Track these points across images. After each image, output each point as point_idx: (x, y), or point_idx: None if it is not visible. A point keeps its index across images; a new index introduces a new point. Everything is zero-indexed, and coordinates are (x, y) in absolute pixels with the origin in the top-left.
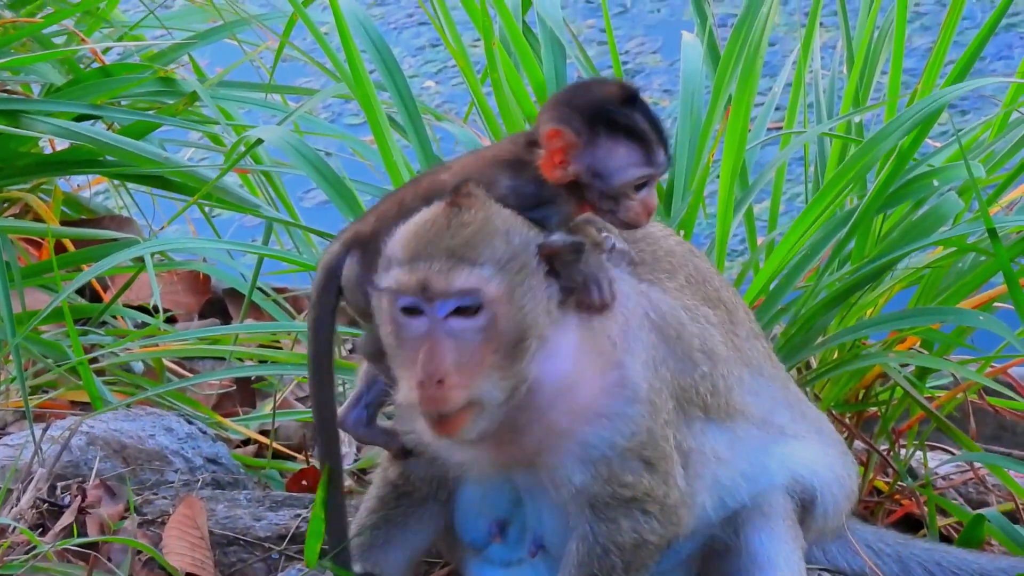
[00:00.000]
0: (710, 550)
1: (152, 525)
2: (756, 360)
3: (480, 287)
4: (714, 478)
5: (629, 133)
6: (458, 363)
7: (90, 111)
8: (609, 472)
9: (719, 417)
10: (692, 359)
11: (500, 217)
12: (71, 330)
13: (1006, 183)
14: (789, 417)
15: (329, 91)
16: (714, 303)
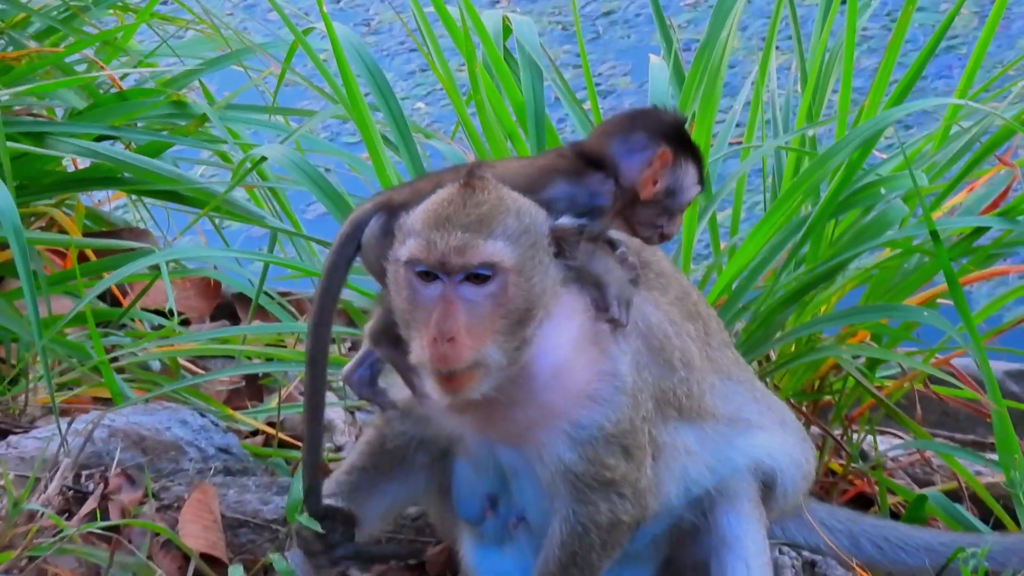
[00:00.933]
0: (680, 531)
1: (169, 510)
2: (726, 367)
3: (494, 259)
4: (683, 470)
5: (695, 155)
6: (468, 325)
7: (109, 132)
8: (595, 454)
9: (691, 417)
10: (672, 367)
11: (511, 197)
12: (93, 332)
13: (947, 190)
14: (756, 412)
15: (327, 112)
16: (694, 317)
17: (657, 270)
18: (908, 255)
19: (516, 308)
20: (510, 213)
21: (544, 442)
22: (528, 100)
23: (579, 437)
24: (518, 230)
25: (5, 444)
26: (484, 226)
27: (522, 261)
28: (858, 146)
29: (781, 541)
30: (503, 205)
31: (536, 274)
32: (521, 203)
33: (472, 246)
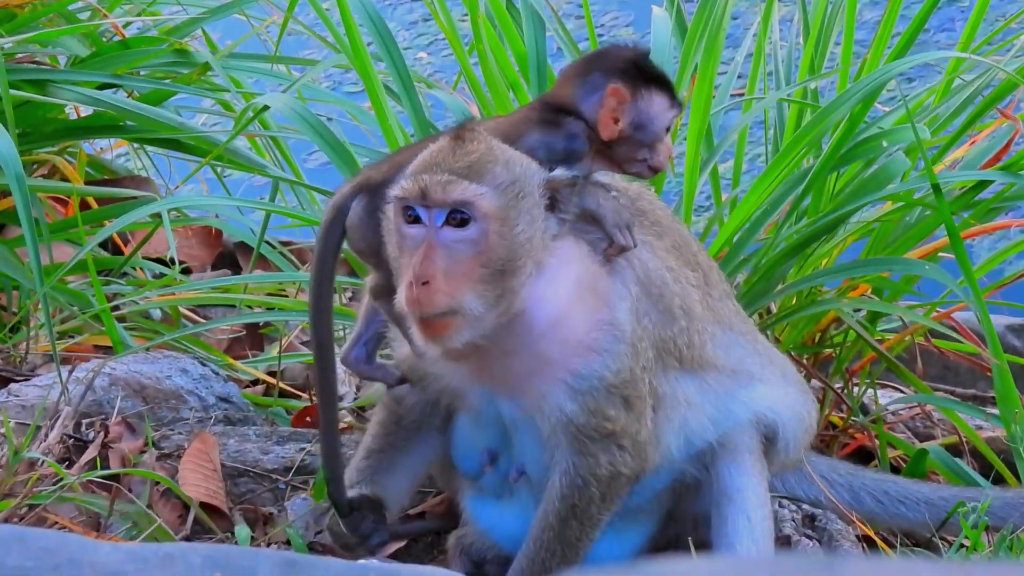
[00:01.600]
0: (682, 485)
1: (169, 459)
2: (727, 318)
3: (474, 200)
4: (683, 421)
5: (659, 81)
6: (446, 270)
7: (112, 80)
8: (596, 404)
9: (692, 367)
10: (672, 315)
11: (500, 148)
12: (95, 280)
13: (949, 144)
14: (758, 364)
15: (330, 62)
16: (693, 266)
17: (653, 218)
18: (909, 208)
19: (497, 257)
20: (498, 162)
21: (544, 393)
22: (530, 50)
23: (579, 388)
24: (505, 179)
25: (6, 392)
26: (471, 170)
27: (505, 209)
28: (860, 99)
29: (781, 495)
30: (491, 154)
31: (521, 224)
32: (511, 155)
33: (454, 184)
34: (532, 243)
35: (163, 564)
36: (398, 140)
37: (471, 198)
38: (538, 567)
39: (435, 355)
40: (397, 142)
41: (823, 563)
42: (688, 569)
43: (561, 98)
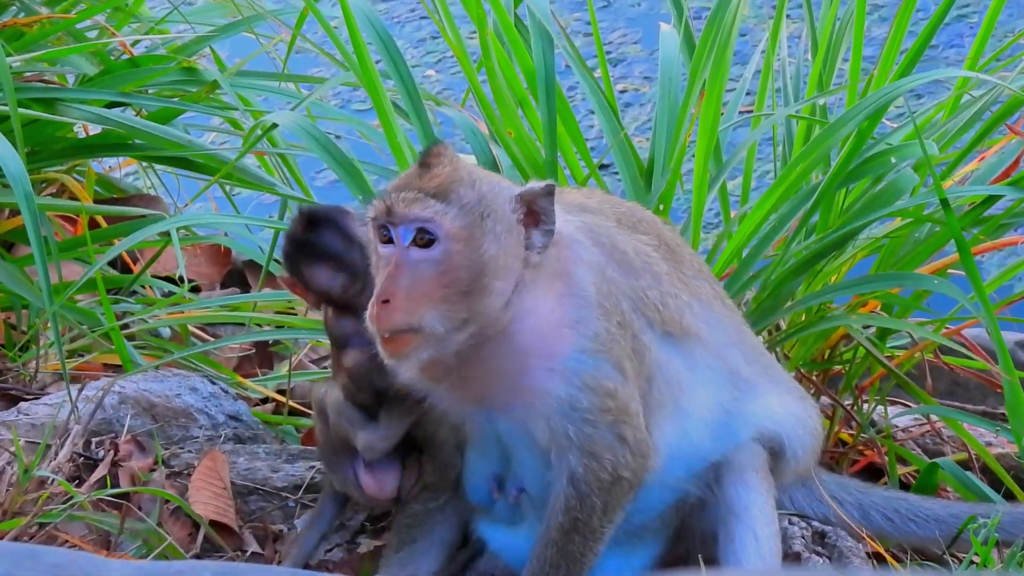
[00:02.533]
0: (687, 505)
1: (179, 477)
2: (705, 296)
3: (435, 218)
4: (676, 404)
5: (320, 256)
6: (409, 288)
7: (120, 99)
8: (590, 377)
9: (675, 333)
10: (636, 271)
11: (467, 169)
12: (104, 299)
13: (958, 159)
14: (743, 358)
15: (338, 79)
16: (654, 238)
17: (597, 199)
18: (919, 224)
19: (461, 277)
20: (463, 182)
21: (539, 387)
22: (539, 67)
23: (566, 368)
24: (471, 199)
25: (16, 411)
26: (436, 190)
27: (469, 229)
28: (868, 115)
29: (790, 512)
30: (456, 174)
31: (487, 245)
32: (479, 175)
33: (418, 202)
34: (500, 263)
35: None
36: (406, 157)
37: (433, 216)
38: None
39: (406, 374)
40: (405, 159)
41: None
42: None
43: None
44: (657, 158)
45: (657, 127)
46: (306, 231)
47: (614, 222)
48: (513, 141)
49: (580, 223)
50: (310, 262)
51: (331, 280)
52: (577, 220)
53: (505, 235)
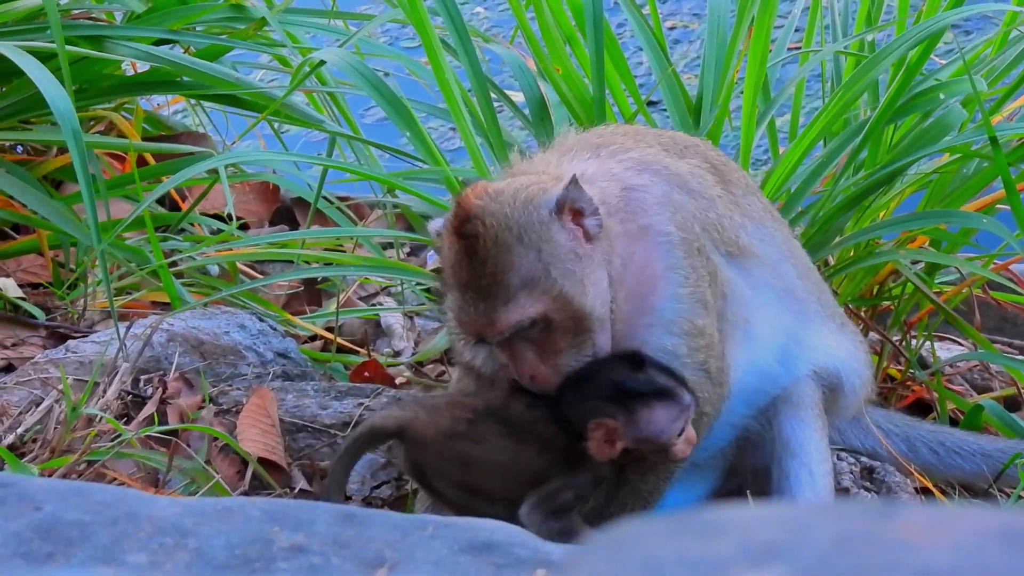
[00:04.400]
0: (744, 441)
1: (227, 414)
2: (756, 214)
3: (519, 319)
4: (746, 324)
5: (658, 395)
6: (538, 364)
7: (168, 36)
8: (686, 321)
9: (735, 253)
10: (694, 193)
11: (505, 223)
12: (152, 237)
13: (1006, 95)
14: (795, 273)
15: (386, 16)
16: (703, 161)
17: (633, 132)
18: (967, 160)
19: (570, 326)
20: (513, 252)
21: (641, 342)
22: (586, 4)
23: (664, 319)
24: (528, 263)
25: (64, 348)
26: (500, 289)
27: (547, 296)
28: (914, 44)
29: (840, 447)
30: (501, 243)
31: (567, 290)
32: (520, 220)
33: (496, 316)
34: (586, 286)
35: (221, 518)
36: (455, 95)
37: (518, 319)
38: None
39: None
40: (454, 96)
41: (881, 510)
42: (750, 515)
43: (569, 418)
44: (705, 94)
45: (705, 63)
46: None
47: (661, 150)
48: (561, 78)
49: (630, 161)
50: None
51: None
52: (627, 159)
53: (573, 261)
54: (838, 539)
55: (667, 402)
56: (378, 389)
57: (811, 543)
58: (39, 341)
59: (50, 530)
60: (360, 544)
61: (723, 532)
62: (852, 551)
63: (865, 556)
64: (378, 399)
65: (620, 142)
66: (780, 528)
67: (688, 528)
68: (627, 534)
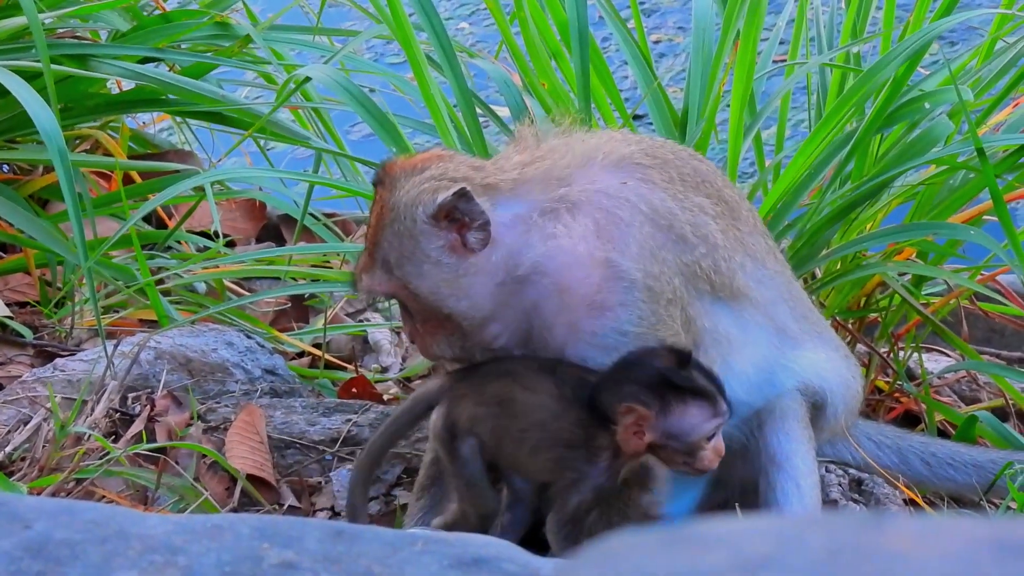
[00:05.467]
0: (728, 452)
1: (215, 431)
2: (760, 254)
3: (375, 288)
4: (724, 362)
5: (695, 393)
6: (412, 331)
7: (153, 54)
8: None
9: (726, 296)
10: (687, 241)
11: (390, 205)
12: (139, 254)
13: (992, 106)
14: (790, 315)
15: (371, 32)
16: (713, 198)
17: (650, 152)
18: (954, 171)
19: (424, 313)
20: (383, 229)
21: (580, 357)
22: (572, 19)
23: (605, 344)
24: (390, 249)
25: (52, 367)
26: (370, 253)
27: (396, 280)
28: (904, 60)
29: (828, 459)
30: (381, 223)
31: (415, 284)
32: (398, 209)
33: (361, 276)
34: (443, 289)
35: (211, 535)
36: (440, 110)
37: (370, 288)
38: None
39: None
40: (440, 112)
41: (872, 521)
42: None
43: (599, 401)
44: (691, 108)
45: (691, 77)
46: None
47: (677, 183)
48: (547, 92)
49: (636, 196)
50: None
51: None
52: (633, 192)
53: (433, 265)
54: (829, 550)
55: (703, 403)
56: (366, 405)
57: (802, 554)
58: (27, 360)
59: (40, 549)
60: (350, 560)
61: (714, 544)
62: (843, 562)
63: (856, 567)
64: (366, 415)
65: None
66: (771, 540)
67: (679, 541)
68: (619, 547)
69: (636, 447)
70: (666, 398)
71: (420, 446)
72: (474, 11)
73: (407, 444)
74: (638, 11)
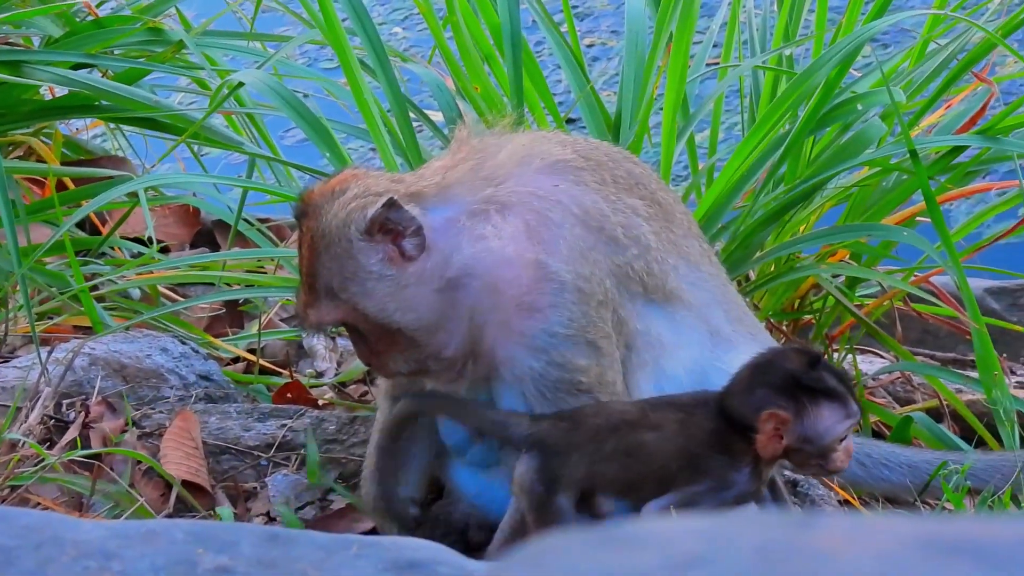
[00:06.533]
0: None
1: (150, 437)
2: (694, 256)
3: (322, 321)
4: (657, 365)
5: (828, 395)
6: (367, 353)
7: (86, 60)
8: (561, 356)
9: (659, 298)
10: (619, 242)
11: (320, 232)
12: (72, 261)
13: (925, 108)
14: (724, 317)
15: (304, 37)
16: (647, 201)
17: (584, 155)
18: (886, 174)
19: (375, 334)
20: (318, 258)
21: (510, 357)
22: (504, 23)
23: (535, 345)
24: (328, 277)
25: None
26: (310, 287)
27: (343, 308)
28: (837, 63)
29: None
30: (313, 251)
31: (363, 305)
32: (329, 234)
33: (307, 312)
34: (390, 304)
35: (146, 540)
36: (374, 115)
37: (317, 321)
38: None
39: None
40: (373, 117)
41: (802, 520)
42: (672, 527)
43: (734, 410)
44: (624, 111)
45: (624, 80)
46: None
47: (610, 185)
48: (480, 96)
49: (567, 197)
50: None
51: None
52: (565, 194)
53: (375, 280)
54: (759, 549)
55: (835, 404)
56: (301, 410)
57: (732, 554)
58: None
59: None
60: (285, 564)
61: (645, 544)
62: (773, 561)
63: (786, 566)
64: (301, 420)
65: (572, 173)
66: (702, 539)
67: (610, 540)
68: (549, 548)
69: (775, 451)
70: (800, 401)
71: (355, 451)
72: (407, 16)
73: (342, 449)
74: (571, 15)
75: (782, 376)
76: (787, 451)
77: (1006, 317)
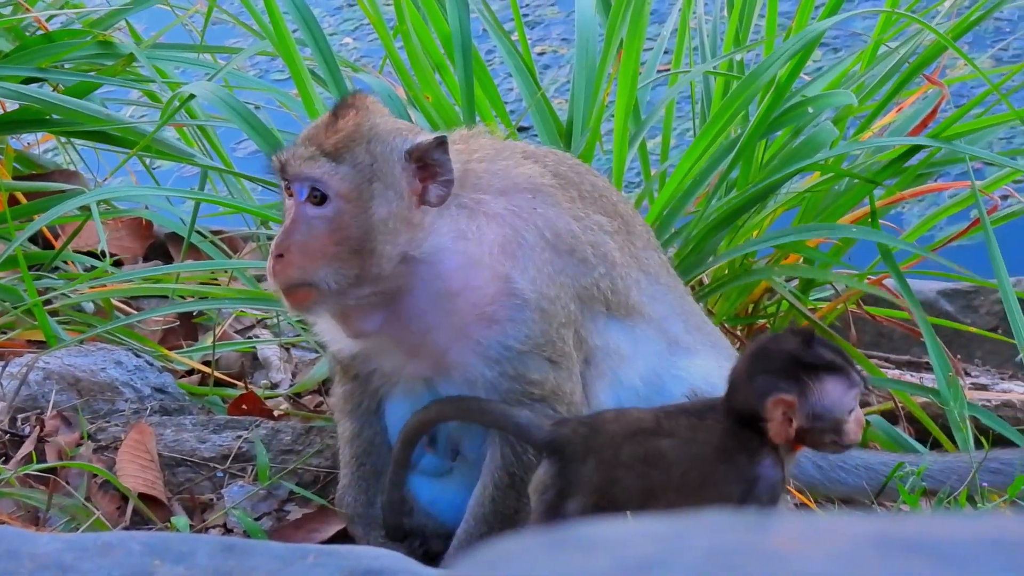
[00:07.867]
0: None
1: (106, 450)
2: (653, 269)
3: (325, 179)
4: (615, 376)
5: (828, 369)
6: (303, 244)
7: (36, 74)
8: (515, 370)
9: (620, 314)
10: (588, 263)
11: (370, 124)
12: (25, 275)
13: (876, 111)
14: (683, 328)
15: (255, 49)
16: (610, 215)
17: (554, 171)
18: (839, 179)
19: (351, 236)
20: (360, 141)
21: (463, 363)
22: (455, 32)
23: (491, 356)
24: (364, 161)
25: None
26: (332, 148)
27: (358, 191)
28: (788, 59)
29: None
30: (357, 132)
31: (375, 207)
32: (381, 131)
33: (312, 160)
34: (390, 226)
35: (102, 552)
36: None
37: (322, 176)
38: (477, 538)
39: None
40: None
41: (755, 522)
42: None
43: (741, 404)
44: (576, 118)
45: (575, 88)
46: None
47: (578, 202)
48: (431, 106)
49: (529, 218)
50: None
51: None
52: (541, 217)
53: (393, 197)
54: (712, 551)
55: (837, 377)
56: (256, 421)
57: (685, 556)
58: None
59: None
60: (241, 574)
61: (598, 547)
62: (726, 563)
63: (739, 567)
64: (256, 431)
65: (550, 195)
66: (654, 542)
67: (564, 544)
68: (502, 552)
69: (788, 436)
70: (803, 381)
71: (312, 461)
72: (358, 26)
73: (298, 460)
74: (521, 23)
75: (780, 360)
76: (800, 433)
77: (959, 319)
